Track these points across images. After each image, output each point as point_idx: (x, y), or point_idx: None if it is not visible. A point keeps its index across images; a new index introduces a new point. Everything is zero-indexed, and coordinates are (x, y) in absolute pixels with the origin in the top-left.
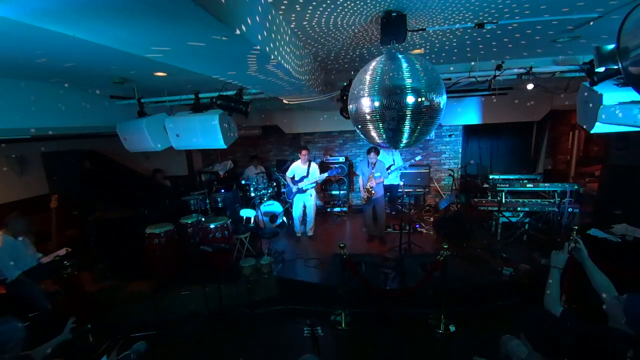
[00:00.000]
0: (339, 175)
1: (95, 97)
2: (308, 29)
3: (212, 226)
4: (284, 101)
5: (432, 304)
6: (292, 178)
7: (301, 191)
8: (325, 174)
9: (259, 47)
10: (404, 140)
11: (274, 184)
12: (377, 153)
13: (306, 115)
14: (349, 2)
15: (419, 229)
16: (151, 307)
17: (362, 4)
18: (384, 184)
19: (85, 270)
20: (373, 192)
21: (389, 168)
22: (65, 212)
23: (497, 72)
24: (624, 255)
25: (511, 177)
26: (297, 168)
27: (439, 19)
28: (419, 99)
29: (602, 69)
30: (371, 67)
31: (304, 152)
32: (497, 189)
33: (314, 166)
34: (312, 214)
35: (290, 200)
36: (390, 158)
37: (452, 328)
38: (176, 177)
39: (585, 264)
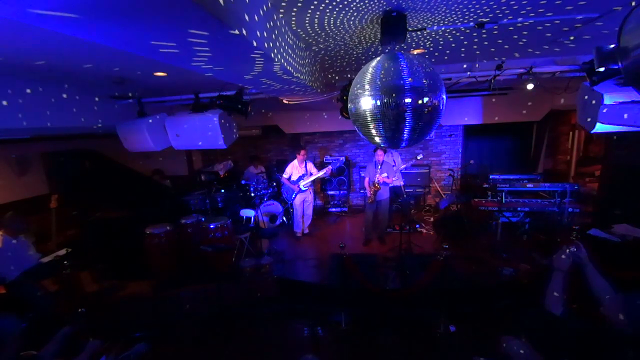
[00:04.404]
0: (338, 168)
1: (95, 97)
2: (308, 28)
3: (212, 226)
4: (284, 101)
5: (432, 304)
6: (289, 179)
7: (302, 191)
8: (329, 167)
9: (258, 47)
10: (404, 140)
11: (274, 184)
12: (384, 151)
13: (306, 115)
14: (347, 2)
15: (419, 229)
16: (151, 307)
17: (362, 3)
18: (392, 185)
19: (85, 270)
20: (379, 186)
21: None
22: (65, 212)
23: (497, 72)
24: (624, 255)
25: (511, 177)
26: (295, 168)
27: (439, 19)
28: (419, 99)
29: (602, 69)
30: (371, 67)
31: (302, 152)
32: (497, 189)
33: (310, 164)
34: (311, 211)
35: (291, 202)
36: (390, 159)
37: (452, 328)
38: (176, 177)
39: (587, 268)
